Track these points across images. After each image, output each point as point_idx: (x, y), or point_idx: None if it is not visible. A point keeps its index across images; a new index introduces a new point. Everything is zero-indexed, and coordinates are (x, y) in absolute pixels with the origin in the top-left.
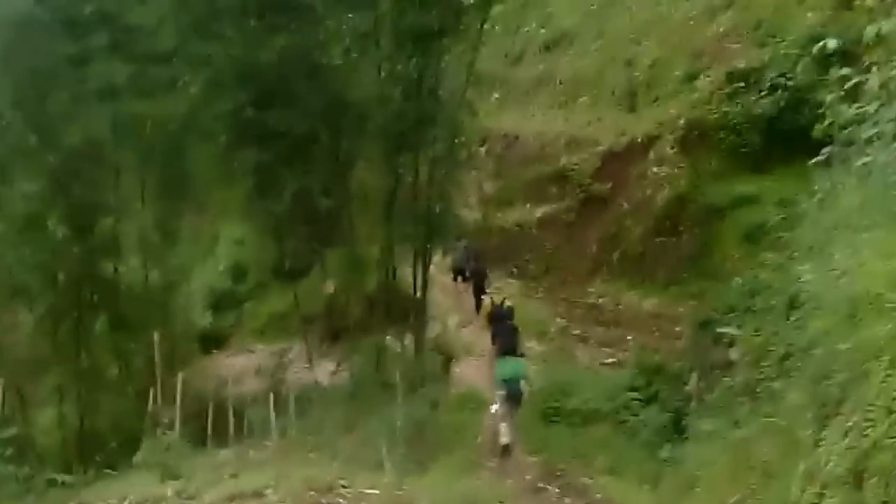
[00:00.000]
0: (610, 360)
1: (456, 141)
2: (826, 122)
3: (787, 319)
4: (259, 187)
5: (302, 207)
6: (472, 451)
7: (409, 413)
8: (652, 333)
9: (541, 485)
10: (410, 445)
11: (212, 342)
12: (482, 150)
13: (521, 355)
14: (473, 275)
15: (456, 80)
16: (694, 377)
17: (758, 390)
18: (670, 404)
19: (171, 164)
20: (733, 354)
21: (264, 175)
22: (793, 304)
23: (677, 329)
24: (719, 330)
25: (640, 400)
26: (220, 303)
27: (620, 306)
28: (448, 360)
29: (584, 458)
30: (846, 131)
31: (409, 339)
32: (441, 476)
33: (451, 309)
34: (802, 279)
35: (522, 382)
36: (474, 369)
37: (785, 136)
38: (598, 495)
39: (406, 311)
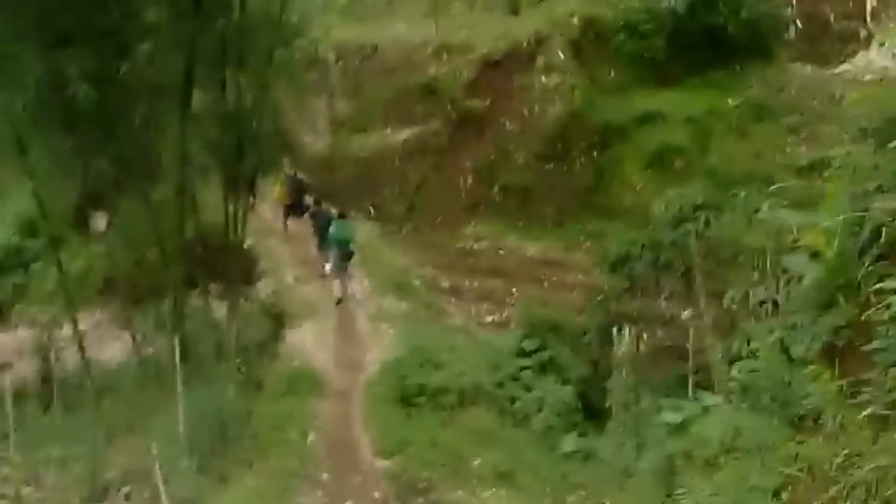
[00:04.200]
0: (490, 319)
1: (285, 26)
2: None
3: None
4: None
5: (68, 108)
6: (299, 456)
7: (216, 402)
8: (540, 284)
9: None
10: (212, 451)
11: None
12: (333, 64)
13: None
14: (314, 216)
15: None
16: (624, 336)
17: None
18: (573, 374)
19: None
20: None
21: None
22: None
23: (571, 278)
24: None
25: (531, 369)
26: (1, 264)
27: (502, 252)
28: (279, 325)
29: (457, 460)
30: None
31: (228, 301)
32: (244, 501)
33: (288, 261)
34: None
35: (352, 245)
36: (315, 336)
37: (696, 39)
38: None
39: (230, 264)
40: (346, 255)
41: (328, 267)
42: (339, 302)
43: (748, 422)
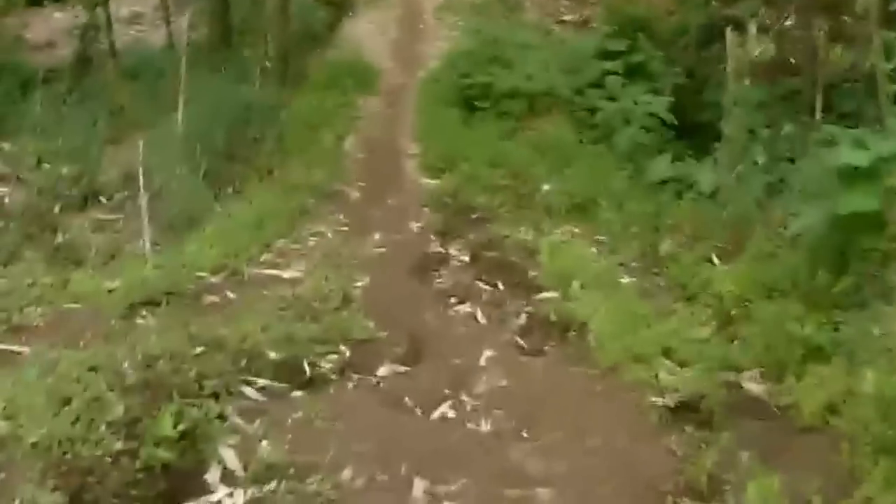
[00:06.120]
0: (570, 17)
1: None
2: None
3: None
4: None
5: None
6: (329, 165)
7: (244, 95)
8: None
9: (435, 246)
10: (227, 155)
11: None
12: None
13: None
14: None
15: None
16: (750, 34)
17: None
18: (666, 83)
19: None
20: None
21: None
22: None
23: None
24: None
25: (617, 74)
26: None
27: None
28: (338, 12)
29: (522, 184)
30: None
31: None
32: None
33: None
34: None
35: None
36: (375, 26)
37: None
38: (541, 293)
39: None
40: None
41: None
42: None
43: None
